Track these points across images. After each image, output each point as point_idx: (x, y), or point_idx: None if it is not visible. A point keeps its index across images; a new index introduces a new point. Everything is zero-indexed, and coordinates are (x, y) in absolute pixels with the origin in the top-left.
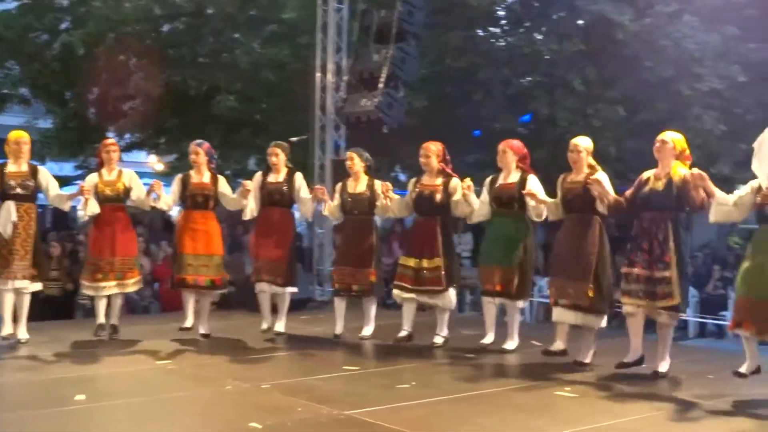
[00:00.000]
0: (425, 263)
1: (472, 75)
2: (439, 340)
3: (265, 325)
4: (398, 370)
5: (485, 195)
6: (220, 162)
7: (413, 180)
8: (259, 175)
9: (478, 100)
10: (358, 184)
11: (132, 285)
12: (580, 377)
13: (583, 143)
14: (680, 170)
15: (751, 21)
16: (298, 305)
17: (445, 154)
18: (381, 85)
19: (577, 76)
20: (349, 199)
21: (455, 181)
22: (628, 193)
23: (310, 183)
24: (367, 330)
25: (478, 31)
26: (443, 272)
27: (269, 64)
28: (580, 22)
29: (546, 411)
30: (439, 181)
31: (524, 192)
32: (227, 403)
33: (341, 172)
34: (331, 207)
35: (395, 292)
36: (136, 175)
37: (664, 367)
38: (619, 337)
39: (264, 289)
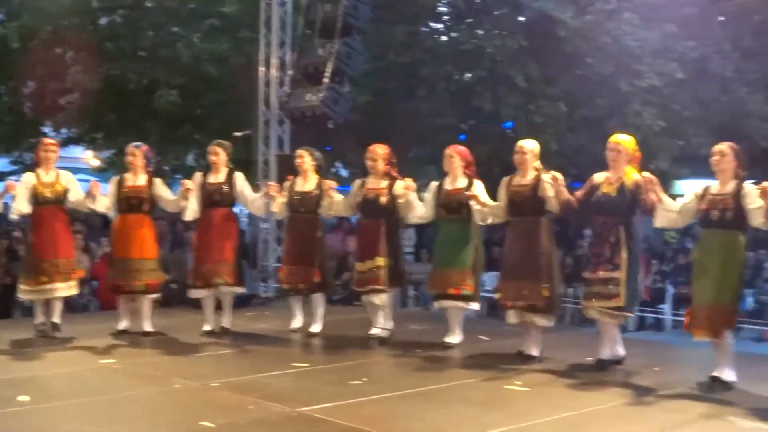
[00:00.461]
0: (368, 264)
1: (416, 70)
2: (376, 331)
3: (208, 327)
4: (348, 367)
5: (430, 198)
6: (158, 158)
7: (359, 182)
8: (198, 175)
9: (421, 95)
10: (307, 183)
11: (77, 287)
12: (529, 370)
13: (529, 145)
14: (633, 175)
15: (689, 19)
16: (242, 302)
17: (391, 156)
18: (326, 80)
19: (519, 72)
20: (297, 197)
21: (400, 184)
22: (578, 193)
23: (254, 179)
24: (316, 327)
25: (422, 27)
26: (382, 272)
27: (211, 58)
28: (522, 18)
29: (498, 405)
30: (384, 183)
31: (468, 194)
32: (176, 403)
33: (286, 168)
34: (278, 204)
35: (363, 297)
36: (72, 176)
37: (605, 354)
38: (566, 332)
39: (205, 295)
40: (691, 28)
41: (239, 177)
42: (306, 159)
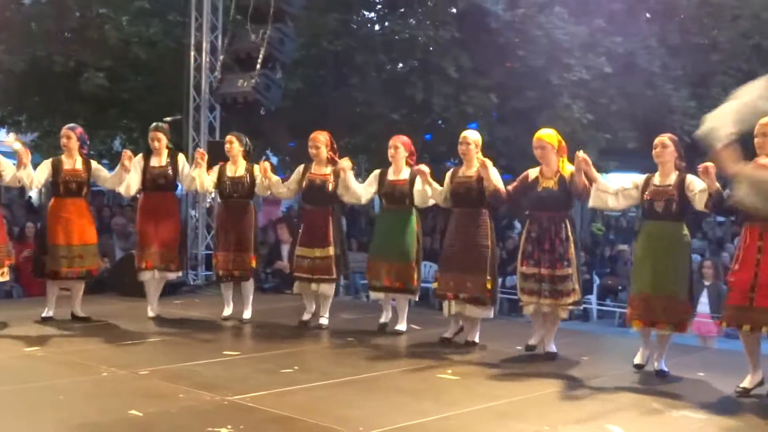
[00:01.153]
0: (317, 252)
1: (348, 59)
2: (324, 321)
3: (152, 313)
4: (280, 355)
5: (371, 183)
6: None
7: (302, 167)
8: (140, 157)
9: (353, 84)
10: (237, 168)
11: (7, 274)
12: (460, 360)
13: (472, 136)
14: (567, 166)
15: (617, 15)
16: (171, 289)
17: (333, 143)
18: (258, 66)
19: (451, 63)
20: (228, 183)
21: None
22: (510, 187)
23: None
24: (247, 313)
25: (354, 15)
26: (334, 261)
27: (140, 42)
28: (454, 10)
29: (430, 393)
30: (328, 170)
31: (415, 169)
32: (105, 391)
33: (216, 154)
34: (204, 182)
35: (296, 284)
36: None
37: (553, 347)
38: (496, 322)
39: (152, 277)
40: (619, 24)
41: (181, 158)
42: (234, 144)
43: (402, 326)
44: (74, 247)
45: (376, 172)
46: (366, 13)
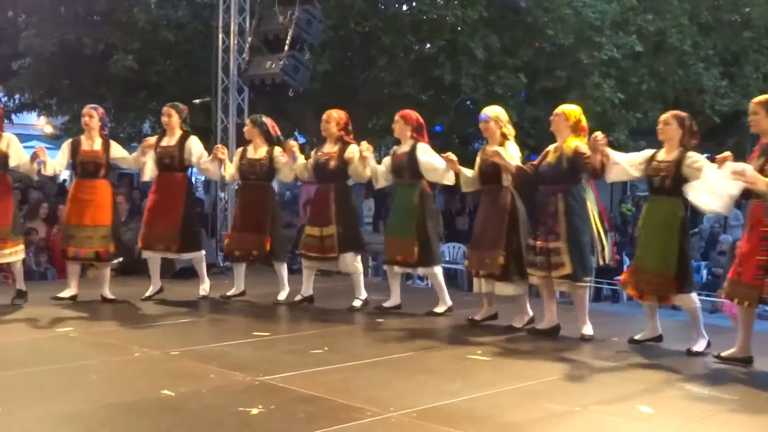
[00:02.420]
0: (324, 231)
1: (376, 40)
2: (357, 303)
3: (149, 292)
4: (309, 336)
5: (387, 162)
6: (113, 125)
7: (316, 149)
8: (154, 138)
9: (381, 65)
10: (258, 151)
11: (8, 255)
12: (490, 340)
13: (492, 112)
14: (572, 142)
15: None
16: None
17: (348, 123)
18: (286, 48)
19: (479, 43)
20: (246, 164)
21: (353, 148)
22: (534, 162)
23: (213, 147)
24: (282, 294)
25: None
26: (336, 239)
27: (168, 24)
28: None
29: (460, 374)
30: (336, 148)
31: (445, 158)
32: (137, 371)
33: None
34: (229, 170)
35: (303, 261)
36: (16, 139)
37: (587, 330)
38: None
39: (151, 256)
40: (650, 2)
41: (193, 141)
42: (248, 128)
43: (440, 308)
44: (86, 227)
45: (392, 149)
46: None
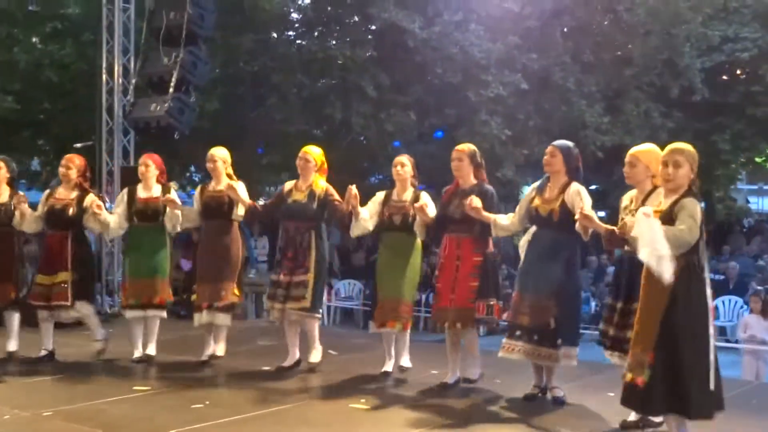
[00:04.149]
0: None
1: (265, 78)
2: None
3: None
4: (191, 389)
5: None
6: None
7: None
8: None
9: (271, 103)
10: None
11: None
12: (375, 388)
13: (219, 154)
14: (321, 182)
15: (532, 32)
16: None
17: (86, 169)
18: (171, 90)
19: (370, 81)
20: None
21: (90, 197)
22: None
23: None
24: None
25: (273, 34)
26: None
27: (52, 64)
28: (373, 27)
29: (340, 426)
30: (74, 195)
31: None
32: None
33: (130, 179)
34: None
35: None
36: None
37: (314, 357)
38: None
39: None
40: (534, 41)
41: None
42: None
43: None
44: None
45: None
46: (280, 33)
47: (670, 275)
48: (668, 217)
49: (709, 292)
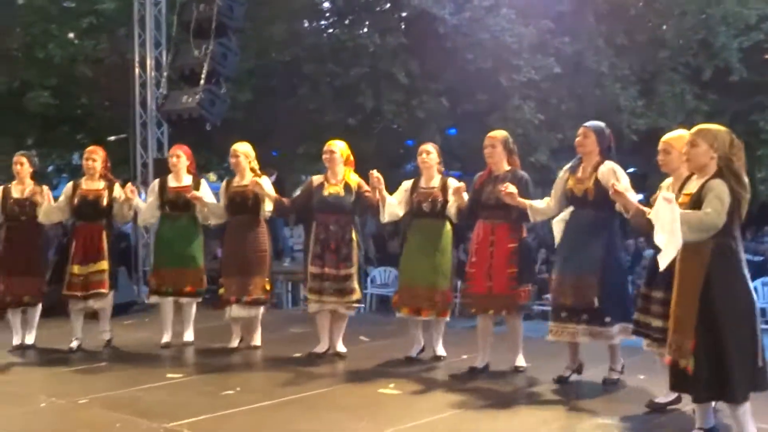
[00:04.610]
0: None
1: (297, 68)
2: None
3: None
4: (223, 376)
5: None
6: (38, 160)
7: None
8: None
9: (303, 93)
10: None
11: None
12: (405, 373)
13: (242, 149)
14: (352, 176)
15: (564, 16)
16: (120, 309)
17: (108, 160)
18: (202, 82)
19: (401, 69)
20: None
21: (117, 187)
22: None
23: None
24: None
25: (304, 23)
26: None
27: (86, 59)
28: (403, 14)
29: (368, 410)
30: (102, 185)
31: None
32: (41, 424)
33: (163, 171)
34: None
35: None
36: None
37: (342, 347)
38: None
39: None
40: (567, 25)
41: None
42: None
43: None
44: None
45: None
46: (314, 22)
47: (668, 263)
48: (697, 200)
49: (747, 273)
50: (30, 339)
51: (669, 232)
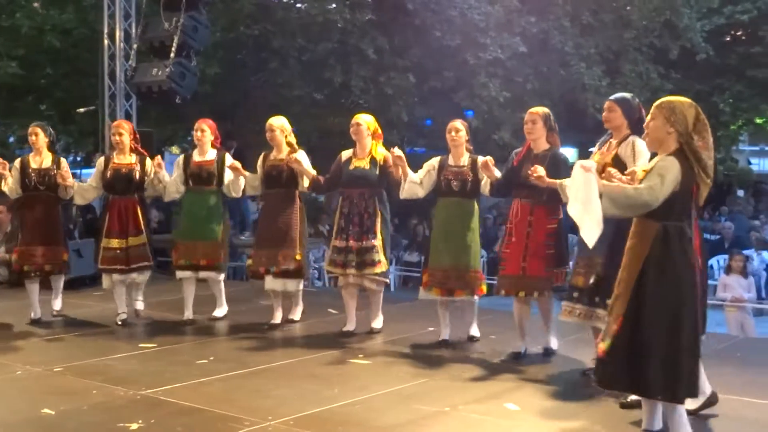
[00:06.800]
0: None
1: (266, 42)
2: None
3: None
4: (196, 346)
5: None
6: (2, 129)
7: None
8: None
9: (272, 67)
10: (44, 161)
11: None
12: (371, 344)
13: (277, 123)
14: (380, 149)
15: None
16: (92, 281)
17: (135, 133)
18: (172, 55)
19: (369, 45)
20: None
21: (148, 161)
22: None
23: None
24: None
25: None
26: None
27: (54, 29)
28: None
29: (340, 379)
30: (134, 159)
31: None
32: (17, 390)
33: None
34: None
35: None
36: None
37: (378, 323)
38: (405, 304)
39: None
40: (533, 4)
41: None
42: (40, 136)
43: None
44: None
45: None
46: None
47: (594, 239)
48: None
49: (694, 262)
50: (57, 305)
51: (582, 201)
